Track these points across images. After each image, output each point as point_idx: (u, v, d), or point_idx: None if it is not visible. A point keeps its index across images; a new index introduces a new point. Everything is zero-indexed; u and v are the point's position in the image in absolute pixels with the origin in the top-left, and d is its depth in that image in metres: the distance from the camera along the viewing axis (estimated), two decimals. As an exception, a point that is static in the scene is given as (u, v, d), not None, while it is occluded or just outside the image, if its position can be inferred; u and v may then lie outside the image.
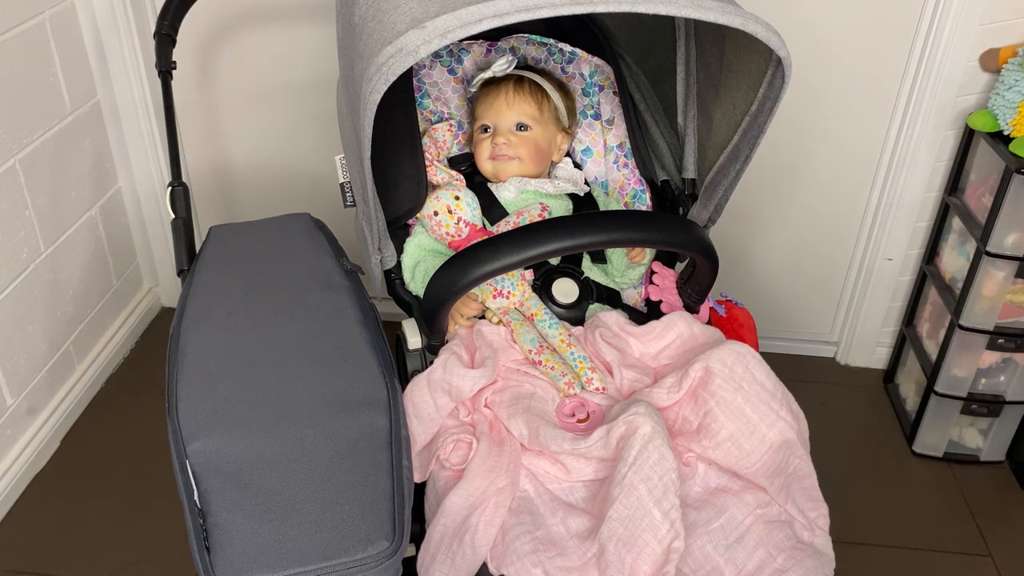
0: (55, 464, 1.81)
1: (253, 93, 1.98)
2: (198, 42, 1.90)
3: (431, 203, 1.30)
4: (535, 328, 1.23)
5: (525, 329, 1.22)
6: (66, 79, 1.82)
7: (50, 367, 1.84)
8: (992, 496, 1.79)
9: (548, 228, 1.10)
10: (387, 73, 0.95)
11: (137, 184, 2.09)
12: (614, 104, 1.44)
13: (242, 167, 2.09)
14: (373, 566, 0.97)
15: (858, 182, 1.94)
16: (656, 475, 1.00)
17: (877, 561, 1.64)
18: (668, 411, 1.13)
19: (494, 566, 1.03)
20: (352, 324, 1.17)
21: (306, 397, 1.07)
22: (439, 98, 1.46)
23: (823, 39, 1.76)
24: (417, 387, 1.16)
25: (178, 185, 1.34)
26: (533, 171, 1.36)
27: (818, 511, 1.11)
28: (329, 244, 1.33)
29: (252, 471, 1.00)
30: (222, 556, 0.96)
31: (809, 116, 1.85)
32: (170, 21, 1.39)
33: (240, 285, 1.23)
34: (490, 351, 1.19)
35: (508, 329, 1.24)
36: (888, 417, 1.98)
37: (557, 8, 0.93)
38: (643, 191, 1.43)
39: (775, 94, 1.07)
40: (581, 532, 1.04)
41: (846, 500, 1.28)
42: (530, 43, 1.45)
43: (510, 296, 1.24)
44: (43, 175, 1.77)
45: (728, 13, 0.95)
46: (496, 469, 1.08)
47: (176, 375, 1.09)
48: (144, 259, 2.20)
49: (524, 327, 1.23)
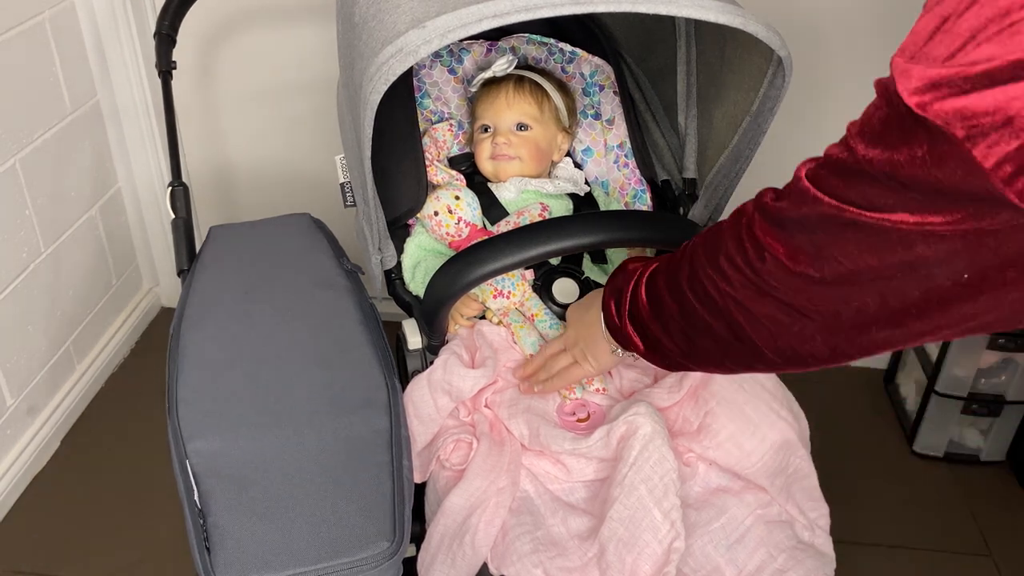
0: (55, 464, 1.81)
1: (253, 93, 1.98)
2: (198, 42, 1.90)
3: (431, 203, 1.30)
4: (536, 329, 1.23)
5: (526, 331, 1.22)
6: (66, 79, 1.81)
7: (50, 367, 1.84)
8: (992, 496, 1.79)
9: (548, 228, 1.10)
10: (387, 73, 0.95)
11: (137, 184, 2.08)
12: (614, 104, 1.44)
13: (242, 167, 2.09)
14: (373, 566, 0.97)
15: (858, 182, 1.94)
16: (657, 475, 1.00)
17: (877, 561, 1.64)
18: (669, 411, 1.13)
19: (494, 566, 1.03)
20: (352, 324, 1.17)
21: (306, 397, 1.07)
22: (439, 98, 1.46)
23: (824, 39, 1.76)
24: (417, 387, 1.16)
25: (178, 185, 1.34)
26: (533, 171, 1.36)
27: (819, 511, 1.11)
28: (329, 244, 1.33)
29: (252, 471, 1.00)
30: (222, 556, 0.96)
31: (810, 116, 1.85)
32: (170, 21, 1.39)
33: (240, 285, 1.23)
34: (491, 351, 1.19)
35: (508, 330, 1.24)
36: (888, 417, 1.98)
37: (557, 8, 0.93)
38: (643, 191, 1.43)
39: (776, 94, 1.07)
40: (582, 532, 1.04)
41: (846, 500, 1.28)
42: (530, 43, 1.45)
43: (510, 296, 1.24)
44: (43, 175, 1.77)
45: (729, 13, 0.95)
46: (496, 469, 1.08)
47: (176, 375, 1.09)
48: (144, 259, 2.20)
49: (525, 328, 1.23)
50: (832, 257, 0.72)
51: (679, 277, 0.88)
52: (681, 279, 0.88)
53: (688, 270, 0.87)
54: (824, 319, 0.76)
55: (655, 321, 0.93)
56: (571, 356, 1.12)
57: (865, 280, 0.71)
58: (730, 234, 0.82)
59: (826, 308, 0.75)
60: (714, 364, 0.92)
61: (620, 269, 1.02)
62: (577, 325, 1.12)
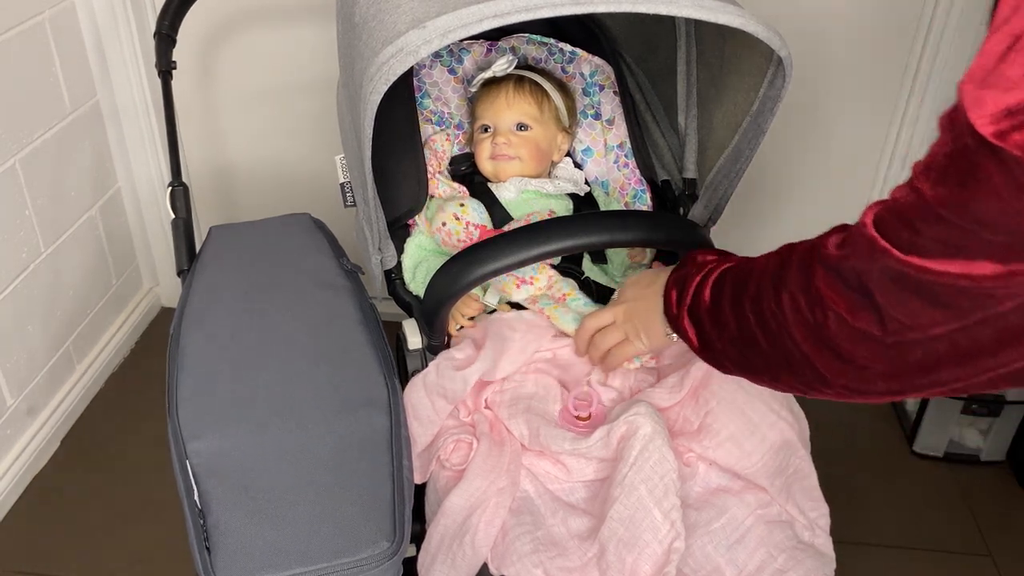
0: (55, 464, 1.81)
1: (253, 93, 1.98)
2: (198, 42, 1.90)
3: (438, 216, 1.30)
4: (570, 308, 1.22)
5: (561, 311, 1.21)
6: (66, 79, 1.81)
7: (50, 367, 1.84)
8: (992, 496, 1.79)
9: (548, 228, 1.10)
10: (387, 73, 0.95)
11: (137, 184, 2.08)
12: (614, 104, 1.44)
13: (242, 167, 2.09)
14: (374, 566, 0.97)
15: (859, 182, 1.94)
16: (657, 475, 1.00)
17: (877, 561, 1.64)
18: (669, 411, 1.13)
19: (494, 566, 1.03)
20: (352, 324, 1.17)
21: (306, 397, 1.07)
22: (439, 98, 1.46)
23: (824, 39, 1.76)
24: (414, 390, 1.16)
25: (178, 185, 1.34)
26: (533, 171, 1.36)
27: (819, 511, 1.11)
28: (329, 244, 1.33)
29: (252, 471, 1.00)
30: (222, 556, 0.96)
31: (810, 116, 1.85)
32: (170, 21, 1.39)
33: (240, 285, 1.23)
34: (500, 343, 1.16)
35: (543, 315, 1.22)
36: (888, 417, 1.98)
37: (557, 8, 0.93)
38: (643, 191, 1.43)
39: (776, 94, 1.07)
40: (582, 532, 1.04)
41: (846, 500, 1.28)
42: (530, 43, 1.45)
43: (534, 282, 1.23)
44: (43, 175, 1.77)
45: (729, 13, 0.95)
46: (496, 469, 1.08)
47: (176, 375, 1.09)
48: (144, 259, 2.20)
49: (559, 309, 1.21)
50: (898, 319, 0.66)
51: (744, 295, 0.84)
52: (745, 298, 0.84)
53: (755, 291, 0.83)
54: (886, 367, 0.71)
55: (714, 326, 0.90)
56: (622, 332, 1.08)
57: (934, 338, 0.66)
58: (796, 273, 0.78)
59: (889, 359, 0.71)
60: (768, 381, 0.88)
61: (690, 259, 0.98)
62: (633, 302, 1.07)
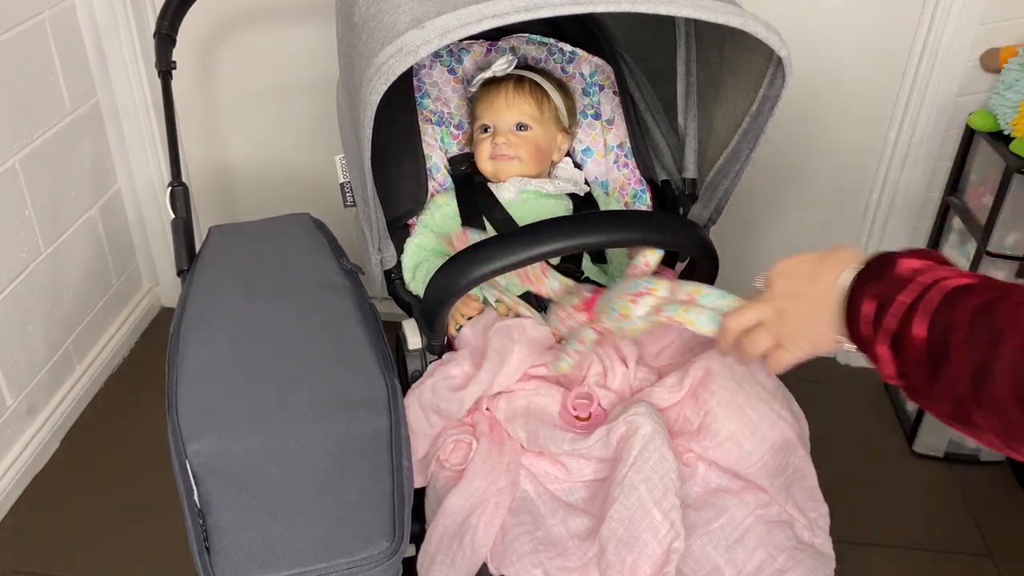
0: (55, 464, 1.81)
1: (253, 93, 1.98)
2: (198, 42, 1.90)
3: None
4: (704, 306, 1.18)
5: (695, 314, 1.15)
6: (66, 79, 1.81)
7: (50, 367, 1.84)
8: (992, 496, 1.79)
9: (548, 228, 1.10)
10: (387, 73, 0.95)
11: (137, 184, 2.08)
12: (614, 104, 1.44)
13: (242, 167, 2.09)
14: (373, 566, 0.97)
15: (859, 182, 1.94)
16: (656, 475, 1.00)
17: (877, 561, 1.64)
18: (669, 411, 1.13)
19: (494, 566, 1.03)
20: (352, 324, 1.17)
21: (306, 397, 1.07)
22: (439, 98, 1.46)
23: (824, 39, 1.76)
24: (410, 406, 1.15)
25: (178, 185, 1.34)
26: (533, 171, 1.36)
27: (818, 511, 1.11)
28: (329, 244, 1.33)
29: (252, 471, 1.00)
30: (222, 556, 0.96)
31: (810, 116, 1.85)
32: (170, 21, 1.39)
33: (240, 285, 1.23)
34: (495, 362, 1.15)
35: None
36: (889, 417, 1.97)
37: (557, 8, 0.93)
38: (643, 191, 1.43)
39: (775, 94, 1.07)
40: (581, 532, 1.04)
41: (846, 500, 1.28)
42: (530, 43, 1.45)
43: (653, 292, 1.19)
44: (43, 175, 1.77)
45: (728, 13, 0.95)
46: (496, 469, 1.08)
47: (176, 375, 1.09)
48: (144, 259, 2.20)
49: (692, 312, 1.16)
50: None
51: (980, 339, 0.66)
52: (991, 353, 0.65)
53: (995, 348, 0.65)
54: None
55: (931, 373, 0.71)
56: (773, 335, 0.90)
57: None
58: None
59: None
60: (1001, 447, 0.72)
61: (888, 264, 0.78)
62: (789, 301, 0.88)
